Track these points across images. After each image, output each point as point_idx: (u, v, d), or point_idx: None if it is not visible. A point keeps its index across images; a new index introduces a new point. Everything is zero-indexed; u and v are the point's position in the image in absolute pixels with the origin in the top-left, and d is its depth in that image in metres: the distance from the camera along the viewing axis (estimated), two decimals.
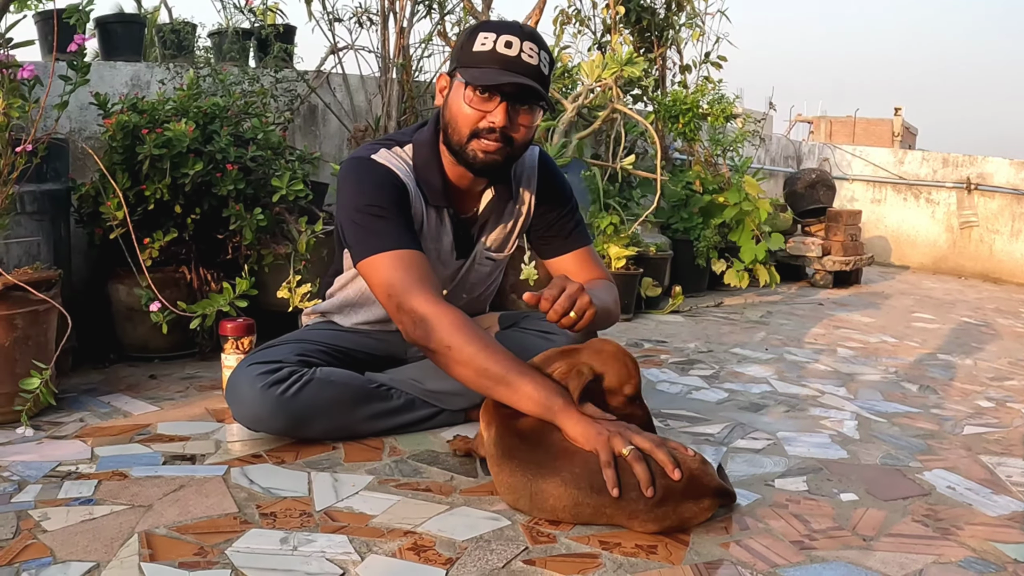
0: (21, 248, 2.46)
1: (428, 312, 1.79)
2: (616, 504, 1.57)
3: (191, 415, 2.27)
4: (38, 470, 1.83)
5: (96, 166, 2.62)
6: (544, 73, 1.89)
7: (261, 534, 1.55)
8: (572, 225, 2.20)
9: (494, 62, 1.84)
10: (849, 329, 4.14)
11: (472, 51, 1.86)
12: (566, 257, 2.20)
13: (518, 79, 1.83)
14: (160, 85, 3.32)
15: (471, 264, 2.18)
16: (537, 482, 1.62)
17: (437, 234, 2.07)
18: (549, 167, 2.20)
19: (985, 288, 6.58)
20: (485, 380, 1.74)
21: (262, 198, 2.91)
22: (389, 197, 1.93)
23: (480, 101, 1.87)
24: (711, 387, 2.78)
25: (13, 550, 1.46)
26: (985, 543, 1.63)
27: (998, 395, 2.91)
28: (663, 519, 1.56)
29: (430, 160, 2.01)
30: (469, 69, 1.86)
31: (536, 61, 1.86)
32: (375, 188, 1.94)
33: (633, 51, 4.19)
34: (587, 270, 2.18)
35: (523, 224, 2.20)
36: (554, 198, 2.19)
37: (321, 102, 4.08)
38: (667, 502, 1.56)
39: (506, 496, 1.70)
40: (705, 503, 1.60)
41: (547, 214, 2.19)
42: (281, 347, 2.11)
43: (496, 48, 1.84)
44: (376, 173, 1.95)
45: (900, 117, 22.28)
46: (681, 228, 4.93)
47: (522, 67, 1.84)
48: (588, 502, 1.58)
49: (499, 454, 1.71)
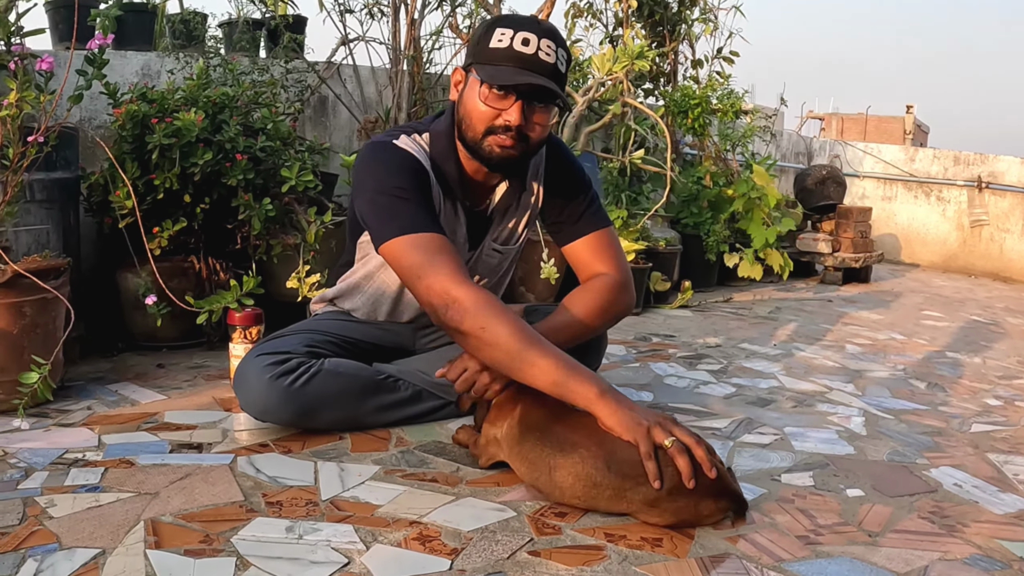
0: (30, 236, 2.47)
1: (460, 295, 1.74)
2: (636, 490, 1.56)
3: (198, 404, 2.27)
4: (45, 457, 1.84)
5: (106, 155, 2.63)
6: (561, 71, 1.86)
7: (267, 523, 1.55)
8: (583, 210, 2.12)
9: (511, 60, 1.81)
10: (858, 326, 4.12)
11: (489, 47, 1.83)
12: (577, 243, 2.13)
13: (535, 79, 1.81)
14: (170, 75, 3.33)
15: (478, 255, 2.17)
16: (557, 457, 1.62)
17: (452, 225, 2.04)
18: (559, 154, 2.15)
19: (995, 287, 6.56)
20: (518, 363, 1.70)
21: (271, 188, 2.91)
22: (411, 180, 1.89)
23: (496, 99, 1.84)
24: (719, 382, 2.77)
25: (19, 536, 1.47)
26: (991, 540, 1.63)
27: (1006, 393, 2.90)
28: (681, 512, 1.55)
29: (447, 151, 1.98)
30: (485, 66, 1.84)
31: (553, 59, 1.83)
32: (398, 170, 1.90)
33: (645, 45, 4.17)
34: (596, 260, 2.11)
35: (531, 215, 2.18)
36: (564, 184, 2.14)
37: (331, 93, 4.08)
38: (691, 495, 1.54)
39: (524, 472, 1.70)
40: (723, 503, 1.59)
41: (557, 200, 2.14)
42: (289, 337, 2.11)
43: (513, 45, 1.81)
44: (398, 156, 1.92)
45: (912, 115, 22.18)
46: (691, 223, 4.92)
47: (539, 66, 1.81)
48: (607, 483, 1.57)
49: (521, 431, 1.71)
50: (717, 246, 4.83)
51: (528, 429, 1.70)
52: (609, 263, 2.11)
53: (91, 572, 1.35)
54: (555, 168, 2.14)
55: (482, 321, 1.72)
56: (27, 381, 2.00)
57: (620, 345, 3.26)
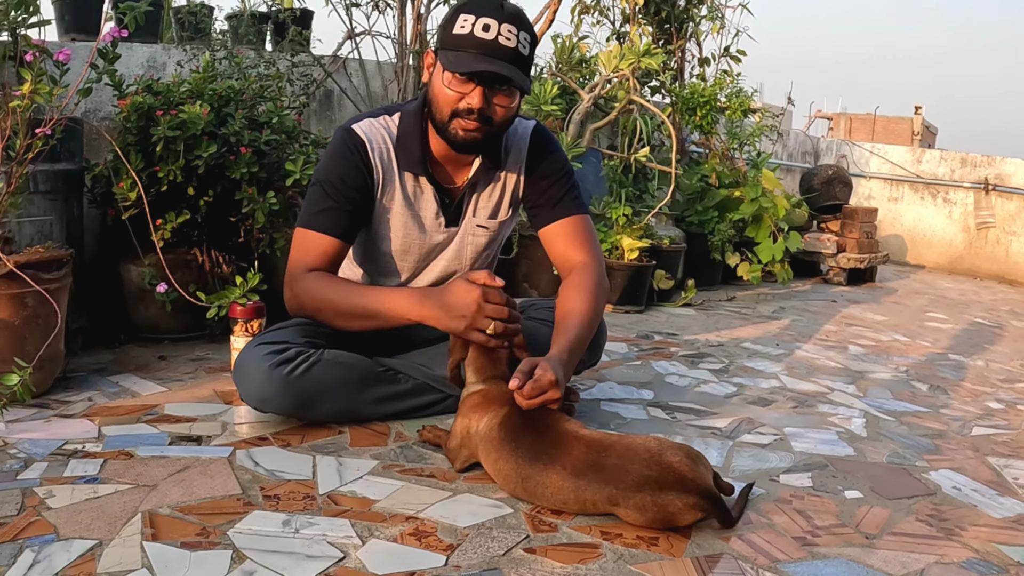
0: (34, 227, 2.47)
1: (300, 288, 2.02)
2: (593, 488, 1.57)
3: (199, 396, 2.28)
4: (45, 448, 1.84)
5: (110, 147, 2.63)
6: (522, 54, 1.91)
7: (264, 516, 1.55)
8: (562, 194, 2.17)
9: (471, 46, 1.87)
10: (861, 327, 4.12)
11: (452, 33, 1.89)
12: (554, 226, 2.16)
13: (492, 66, 1.86)
14: (176, 67, 3.33)
15: (463, 235, 2.19)
16: (527, 468, 1.64)
17: (414, 199, 2.11)
18: (542, 140, 2.20)
19: (1000, 290, 6.54)
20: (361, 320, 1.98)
21: (275, 182, 2.91)
22: (344, 171, 2.04)
23: (458, 83, 1.91)
24: (720, 381, 2.77)
25: (17, 526, 1.47)
26: (989, 544, 1.63)
27: (1008, 397, 2.90)
28: (644, 509, 1.53)
29: (412, 129, 2.07)
30: (448, 52, 1.90)
31: (514, 43, 1.88)
32: (335, 162, 2.05)
33: (652, 42, 4.17)
34: (573, 245, 2.14)
35: (513, 195, 2.20)
36: (544, 169, 2.18)
37: (337, 87, 4.08)
38: (644, 489, 1.53)
39: (503, 484, 1.70)
40: (691, 500, 1.53)
41: (538, 184, 2.18)
42: (289, 328, 2.12)
43: (474, 32, 1.86)
44: (343, 146, 2.05)
45: (920, 116, 22.13)
46: (696, 221, 4.91)
47: (499, 51, 1.86)
48: (569, 486, 1.59)
49: (499, 438, 1.70)
50: (722, 246, 4.82)
51: (504, 441, 1.70)
52: (585, 250, 2.14)
53: (88, 563, 1.36)
54: (537, 153, 2.18)
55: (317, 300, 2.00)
56: (7, 383, 1.95)
57: (622, 343, 3.26)
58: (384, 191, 2.09)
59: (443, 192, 2.13)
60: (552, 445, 1.65)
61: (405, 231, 2.13)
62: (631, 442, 1.61)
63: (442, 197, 2.13)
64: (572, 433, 1.67)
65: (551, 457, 1.62)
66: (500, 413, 1.74)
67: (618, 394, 2.52)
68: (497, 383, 1.80)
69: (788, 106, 7.78)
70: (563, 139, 3.93)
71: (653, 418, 2.31)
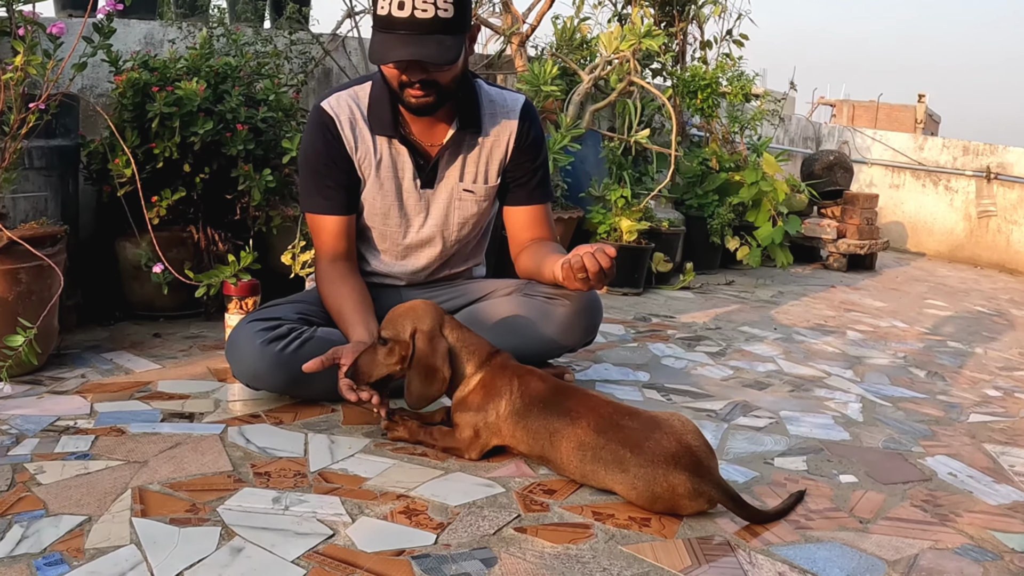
0: (28, 203, 2.46)
1: (317, 280, 2.17)
2: (610, 448, 1.58)
3: (192, 374, 2.27)
4: (37, 424, 1.84)
5: (105, 123, 2.61)
6: (443, 19, 1.86)
7: (254, 493, 1.55)
8: (538, 179, 2.27)
9: (389, 27, 1.87)
10: (860, 313, 4.10)
11: (377, 15, 1.90)
12: (523, 209, 2.28)
13: (408, 47, 1.86)
14: (173, 44, 3.30)
15: (450, 199, 2.20)
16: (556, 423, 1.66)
17: (393, 161, 2.14)
18: (532, 116, 2.24)
19: (1000, 278, 6.52)
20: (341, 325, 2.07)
21: (272, 159, 2.90)
22: (317, 150, 2.11)
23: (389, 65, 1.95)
24: (716, 364, 2.76)
25: (6, 502, 1.46)
26: (983, 531, 1.62)
27: (1006, 385, 2.89)
28: (652, 481, 1.52)
29: (382, 95, 2.10)
30: (374, 35, 1.92)
31: (431, 12, 1.84)
32: (310, 143, 2.13)
33: (653, 24, 4.14)
34: (539, 227, 2.28)
35: (500, 163, 2.22)
36: (530, 150, 2.23)
37: (336, 66, 4.05)
38: (658, 461, 1.52)
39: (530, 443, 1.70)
40: (701, 486, 1.50)
41: (520, 162, 2.23)
42: (283, 305, 2.13)
43: (391, 12, 1.85)
44: (313, 126, 2.12)
45: (924, 104, 22.03)
46: (695, 205, 4.89)
47: (417, 25, 1.85)
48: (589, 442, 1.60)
49: (523, 405, 1.70)
50: (721, 229, 4.80)
51: (531, 402, 1.70)
52: (551, 232, 2.32)
53: (76, 539, 1.35)
54: (527, 132, 2.22)
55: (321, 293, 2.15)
56: (12, 344, 1.96)
57: (619, 325, 3.24)
58: (362, 159, 2.12)
59: (418, 154, 2.15)
60: (580, 403, 1.67)
61: (383, 193, 2.15)
62: (657, 415, 1.61)
63: (417, 159, 2.15)
64: (600, 397, 1.72)
65: (578, 413, 1.64)
66: (515, 387, 1.73)
67: (614, 375, 2.51)
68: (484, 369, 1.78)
69: (790, 92, 7.73)
70: (563, 120, 3.90)
71: (648, 399, 2.29)
